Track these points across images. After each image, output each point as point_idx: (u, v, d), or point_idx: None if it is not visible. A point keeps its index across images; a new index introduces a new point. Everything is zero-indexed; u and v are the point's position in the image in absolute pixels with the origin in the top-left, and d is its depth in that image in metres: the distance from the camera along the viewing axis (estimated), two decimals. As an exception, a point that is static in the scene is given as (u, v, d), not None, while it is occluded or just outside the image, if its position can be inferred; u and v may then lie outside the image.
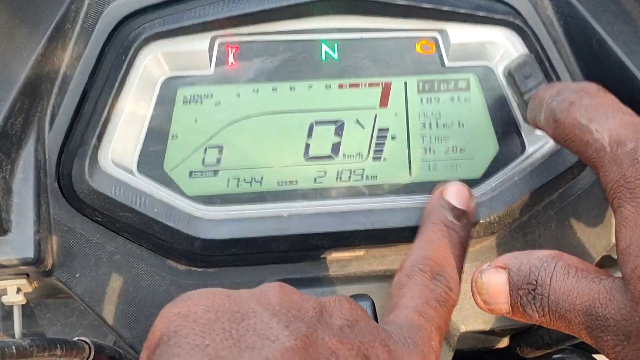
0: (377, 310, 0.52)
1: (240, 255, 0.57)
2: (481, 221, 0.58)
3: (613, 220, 0.63)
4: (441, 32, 0.58)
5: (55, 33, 0.55)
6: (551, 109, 0.49)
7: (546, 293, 0.45)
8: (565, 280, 0.45)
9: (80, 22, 0.56)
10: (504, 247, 0.62)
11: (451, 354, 0.61)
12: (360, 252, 0.60)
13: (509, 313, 0.48)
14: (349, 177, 0.59)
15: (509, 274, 0.47)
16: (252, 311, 0.40)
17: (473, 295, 0.49)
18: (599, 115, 0.47)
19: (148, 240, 0.57)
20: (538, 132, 0.59)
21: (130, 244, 0.58)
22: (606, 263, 0.80)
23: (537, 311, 0.46)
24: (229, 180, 0.58)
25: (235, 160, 0.58)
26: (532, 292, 0.46)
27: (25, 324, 0.71)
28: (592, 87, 0.49)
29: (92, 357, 0.53)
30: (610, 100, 0.48)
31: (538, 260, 0.46)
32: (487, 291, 0.48)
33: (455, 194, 0.53)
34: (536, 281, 0.46)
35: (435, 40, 0.59)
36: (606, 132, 0.46)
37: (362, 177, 0.59)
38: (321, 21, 0.57)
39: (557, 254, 0.47)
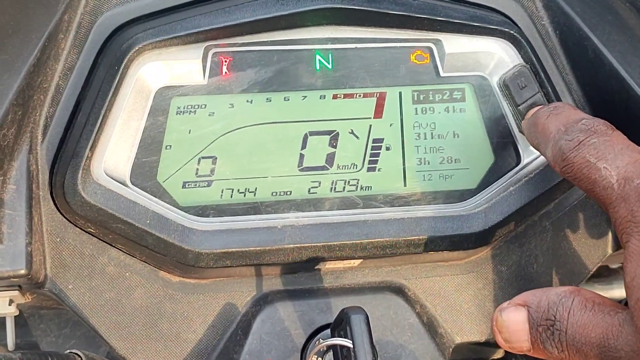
0: (370, 322, 0.51)
1: (234, 267, 0.57)
2: (476, 232, 0.58)
3: (609, 231, 0.63)
4: (436, 42, 0.58)
5: (48, 43, 0.55)
6: (559, 148, 0.49)
7: (564, 328, 0.46)
8: (583, 315, 0.45)
9: (73, 32, 0.56)
10: (499, 258, 0.62)
11: (446, 365, 0.61)
12: (354, 263, 0.60)
13: (530, 350, 0.48)
14: (344, 187, 0.59)
15: (528, 311, 0.48)
16: None
17: (494, 334, 0.50)
18: (607, 153, 0.47)
19: (141, 252, 0.57)
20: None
21: (123, 255, 0.58)
22: (603, 273, 0.80)
23: (556, 347, 0.46)
24: (222, 191, 0.57)
25: (229, 171, 0.57)
26: (551, 328, 0.46)
27: (20, 334, 0.71)
28: (600, 124, 0.49)
29: (84, 369, 0.53)
30: (618, 138, 0.48)
31: (556, 296, 0.47)
32: (508, 329, 0.49)
33: None
34: (554, 317, 0.46)
35: (430, 50, 0.58)
36: (614, 170, 0.46)
37: (357, 187, 0.59)
38: (315, 31, 0.57)
39: (575, 290, 0.47)
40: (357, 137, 0.58)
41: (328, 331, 0.57)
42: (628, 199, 0.45)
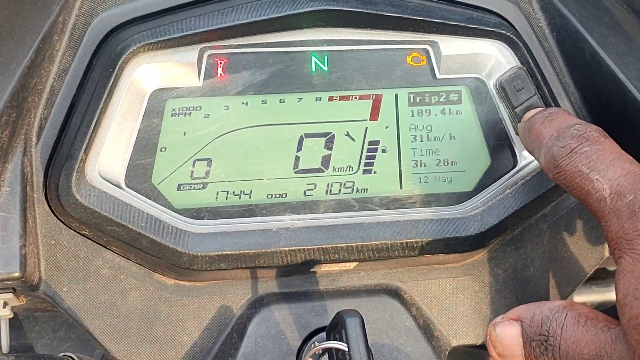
0: (366, 325, 0.51)
1: (229, 269, 0.56)
2: (473, 235, 0.58)
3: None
4: (432, 44, 0.58)
5: (42, 44, 0.54)
6: (552, 155, 0.49)
7: (557, 343, 0.46)
8: (576, 330, 0.45)
9: (68, 33, 0.56)
10: (495, 261, 0.61)
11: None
12: (350, 266, 0.59)
13: None
14: (339, 190, 0.58)
15: (522, 325, 0.48)
16: None
17: (488, 348, 0.50)
18: (599, 163, 0.46)
19: (136, 255, 0.57)
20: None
21: (117, 258, 0.57)
22: (601, 275, 0.80)
23: None
24: (217, 193, 0.57)
25: (224, 173, 0.57)
26: (545, 343, 0.46)
27: (15, 336, 0.71)
28: (593, 131, 0.48)
29: (77, 373, 0.53)
30: (611, 147, 0.47)
31: (550, 311, 0.47)
32: (502, 344, 0.49)
33: None
34: (548, 332, 0.46)
35: (427, 52, 0.58)
36: (607, 183, 0.45)
37: (353, 190, 0.58)
38: (311, 33, 0.57)
39: (568, 304, 0.47)
40: (353, 140, 0.58)
41: (323, 334, 0.57)
42: (620, 215, 0.44)
